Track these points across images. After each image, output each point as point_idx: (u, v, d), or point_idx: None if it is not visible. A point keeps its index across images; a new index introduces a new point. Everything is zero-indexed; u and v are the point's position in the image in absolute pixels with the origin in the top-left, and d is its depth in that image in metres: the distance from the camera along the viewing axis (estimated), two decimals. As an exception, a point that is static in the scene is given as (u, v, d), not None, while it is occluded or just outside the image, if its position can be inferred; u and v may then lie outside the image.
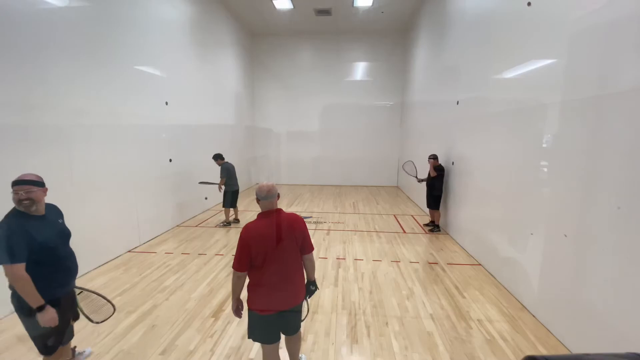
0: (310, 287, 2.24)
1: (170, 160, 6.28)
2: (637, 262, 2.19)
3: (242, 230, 1.98)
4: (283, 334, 2.22)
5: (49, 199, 2.17)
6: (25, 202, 1.96)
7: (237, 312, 2.13)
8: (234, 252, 5.03)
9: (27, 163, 3.42)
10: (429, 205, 6.22)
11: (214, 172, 8.16)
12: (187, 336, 2.95)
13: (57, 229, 2.14)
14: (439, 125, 6.92)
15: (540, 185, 3.32)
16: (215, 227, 6.46)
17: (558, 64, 3.07)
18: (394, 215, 7.52)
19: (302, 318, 2.30)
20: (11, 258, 1.84)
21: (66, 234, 2.21)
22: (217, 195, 7.23)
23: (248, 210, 7.93)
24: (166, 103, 6.08)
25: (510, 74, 3.94)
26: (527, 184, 3.52)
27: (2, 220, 1.96)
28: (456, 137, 5.83)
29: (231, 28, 9.68)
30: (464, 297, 3.69)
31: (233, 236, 5.90)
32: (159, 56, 5.85)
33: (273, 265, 1.98)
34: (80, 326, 3.07)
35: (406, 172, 7.05)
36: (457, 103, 5.73)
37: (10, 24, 3.28)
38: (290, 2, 8.78)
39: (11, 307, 3.50)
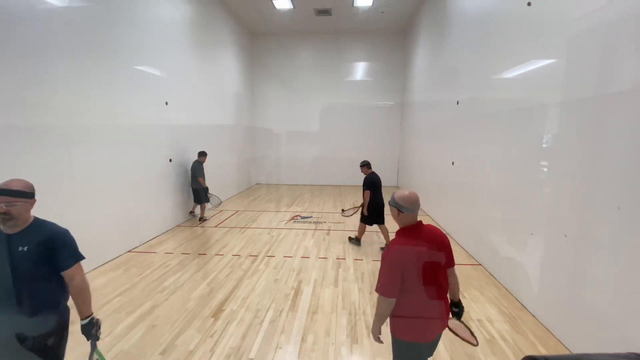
0: (453, 309, 2.00)
1: (170, 160, 6.28)
2: (637, 262, 2.19)
3: (392, 251, 1.78)
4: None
5: (49, 199, 2.15)
6: (5, 216, 1.62)
7: (379, 338, 1.92)
8: (233, 252, 5.07)
9: (27, 163, 3.42)
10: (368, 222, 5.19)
11: (214, 172, 8.18)
12: (187, 336, 2.95)
13: (17, 256, 1.68)
14: (439, 125, 6.91)
15: (540, 185, 3.32)
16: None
17: (558, 64, 3.06)
18: (394, 215, 7.50)
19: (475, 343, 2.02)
20: None
21: (25, 266, 1.69)
22: (219, 195, 7.22)
23: (249, 210, 7.92)
24: (166, 103, 6.07)
25: (510, 74, 3.94)
26: (527, 184, 3.52)
27: None
28: (456, 137, 5.82)
29: (231, 28, 9.67)
30: (464, 297, 3.68)
31: (233, 236, 5.89)
32: (159, 56, 5.85)
33: (427, 288, 1.80)
34: (76, 328, 3.07)
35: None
36: (457, 103, 5.72)
37: (10, 23, 3.28)
38: (290, 2, 8.78)
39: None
